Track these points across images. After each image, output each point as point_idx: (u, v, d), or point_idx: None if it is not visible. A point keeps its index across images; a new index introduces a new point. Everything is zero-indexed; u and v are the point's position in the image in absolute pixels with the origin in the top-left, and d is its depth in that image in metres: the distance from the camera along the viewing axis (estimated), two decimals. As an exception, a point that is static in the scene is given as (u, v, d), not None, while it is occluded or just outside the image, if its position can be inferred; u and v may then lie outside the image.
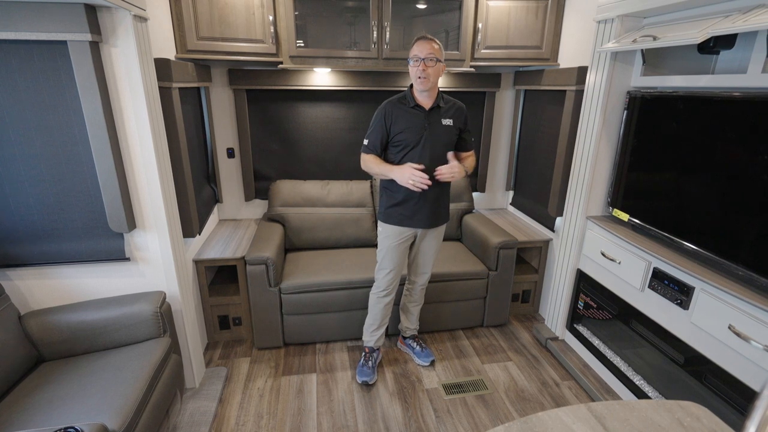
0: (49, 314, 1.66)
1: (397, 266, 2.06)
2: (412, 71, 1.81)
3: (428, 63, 1.77)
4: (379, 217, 2.05)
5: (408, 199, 1.93)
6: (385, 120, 1.87)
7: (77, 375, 1.53)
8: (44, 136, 1.58)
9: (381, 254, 2.06)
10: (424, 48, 1.76)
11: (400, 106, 1.89)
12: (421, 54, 1.76)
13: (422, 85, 1.81)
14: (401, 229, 1.99)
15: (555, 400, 2.06)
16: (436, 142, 1.88)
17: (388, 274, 2.06)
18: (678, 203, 1.74)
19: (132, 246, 1.80)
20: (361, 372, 2.15)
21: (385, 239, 2.03)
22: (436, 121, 1.89)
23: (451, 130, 1.93)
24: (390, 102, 1.90)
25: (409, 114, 1.87)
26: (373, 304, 2.15)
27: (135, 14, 1.54)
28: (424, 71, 1.77)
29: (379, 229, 2.06)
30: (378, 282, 2.11)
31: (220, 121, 2.69)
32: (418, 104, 1.87)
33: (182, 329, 1.95)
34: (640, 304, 1.86)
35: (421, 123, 1.87)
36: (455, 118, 1.93)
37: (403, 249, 2.05)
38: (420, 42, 1.78)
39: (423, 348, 2.34)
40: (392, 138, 1.89)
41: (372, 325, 2.18)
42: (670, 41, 1.58)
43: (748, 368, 1.38)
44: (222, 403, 2.00)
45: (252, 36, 2.21)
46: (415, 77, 1.81)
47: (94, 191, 1.67)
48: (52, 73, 1.52)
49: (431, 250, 2.12)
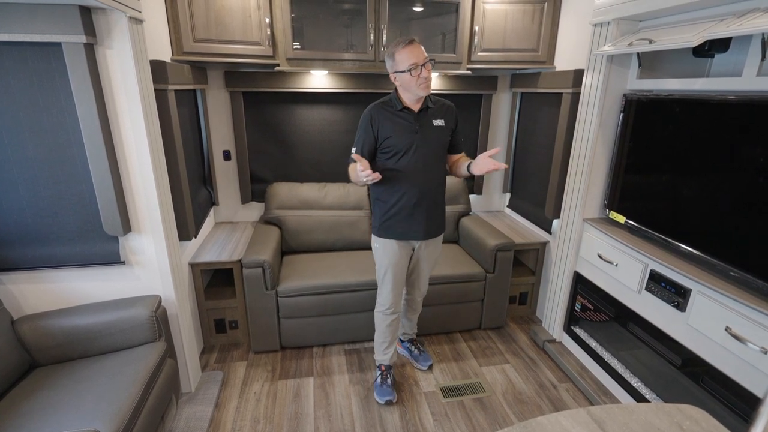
0: (43, 319, 1.64)
1: (399, 282, 1.98)
2: (411, 81, 1.68)
3: (428, 66, 1.69)
4: (374, 232, 1.93)
5: (403, 209, 1.83)
6: (372, 125, 1.77)
7: (71, 380, 1.51)
8: (38, 139, 1.56)
9: (381, 272, 1.96)
10: (419, 52, 1.67)
11: (387, 109, 1.78)
12: (419, 60, 1.66)
13: (427, 90, 1.71)
14: (400, 244, 1.89)
15: (553, 402, 2.06)
16: (428, 146, 1.79)
17: (392, 291, 1.96)
18: (674, 206, 1.74)
19: (127, 249, 1.78)
20: (382, 391, 2.05)
21: (383, 256, 1.92)
22: (427, 123, 1.80)
23: (444, 131, 1.84)
24: (375, 106, 1.79)
25: (396, 117, 1.77)
26: (379, 321, 2.05)
27: (130, 16, 1.53)
28: (427, 78, 1.68)
29: (375, 244, 1.95)
30: (382, 300, 2.01)
31: (217, 123, 2.68)
32: (406, 107, 1.78)
33: (178, 333, 1.93)
34: (637, 307, 1.86)
35: (411, 127, 1.77)
36: (446, 117, 1.84)
37: (404, 264, 1.96)
38: (410, 47, 1.66)
39: (421, 351, 2.31)
40: (381, 144, 1.78)
41: (383, 343, 2.08)
42: (666, 44, 1.59)
43: (745, 370, 1.39)
44: (218, 408, 1.99)
45: (248, 38, 2.20)
46: (418, 85, 1.69)
47: (89, 194, 1.65)
48: (46, 75, 1.50)
49: (428, 265, 2.04)
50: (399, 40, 1.69)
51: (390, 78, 1.77)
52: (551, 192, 2.50)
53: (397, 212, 1.84)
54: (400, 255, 1.92)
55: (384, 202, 1.86)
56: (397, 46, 1.68)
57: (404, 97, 1.78)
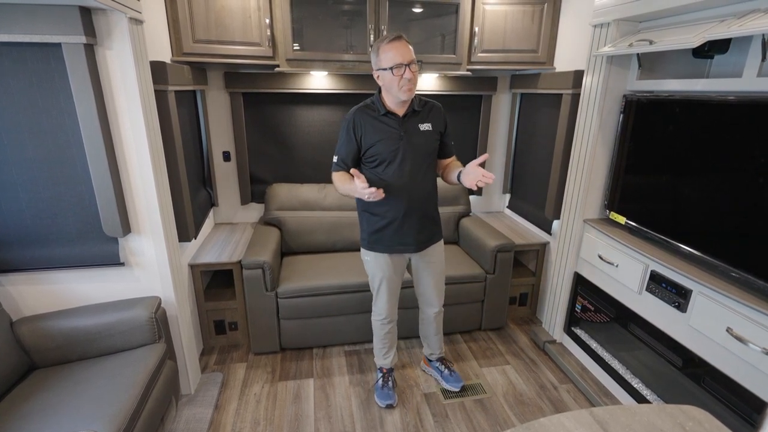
0: (42, 320, 1.63)
1: (395, 292, 1.91)
2: (393, 81, 1.55)
3: (413, 68, 1.54)
4: (362, 245, 1.85)
5: (392, 222, 1.74)
6: (354, 132, 1.66)
7: (70, 382, 1.51)
8: (37, 140, 1.55)
9: (375, 284, 1.88)
10: (405, 51, 1.53)
11: (369, 114, 1.66)
12: (404, 59, 1.52)
13: (408, 93, 1.58)
14: (392, 256, 1.81)
15: (553, 403, 2.06)
16: (415, 153, 1.68)
17: (387, 302, 1.90)
18: (675, 206, 1.74)
19: (127, 250, 1.77)
20: (383, 395, 2.01)
21: (376, 269, 1.84)
22: (413, 128, 1.68)
23: (431, 136, 1.72)
24: (357, 111, 1.67)
25: (380, 123, 1.65)
26: (377, 329, 2.00)
27: (130, 17, 1.53)
28: (410, 80, 1.55)
29: (365, 257, 1.87)
30: (378, 309, 1.95)
31: (217, 124, 2.68)
32: (390, 111, 1.66)
33: (177, 335, 1.93)
34: (637, 307, 1.86)
35: (396, 132, 1.65)
36: (434, 121, 1.72)
37: (399, 275, 1.88)
38: (395, 44, 1.52)
39: (452, 372, 2.13)
40: (365, 152, 1.68)
41: (382, 348, 2.03)
42: (666, 45, 1.59)
43: (746, 371, 1.38)
44: (218, 410, 1.98)
45: (248, 39, 2.20)
46: (400, 87, 1.56)
47: (89, 195, 1.65)
48: (45, 75, 1.50)
49: (432, 277, 1.91)
50: (386, 36, 1.58)
51: (374, 76, 1.65)
52: (551, 193, 2.50)
53: (386, 225, 1.75)
54: (394, 267, 1.84)
55: (371, 214, 1.77)
56: (383, 41, 1.55)
57: (387, 100, 1.66)
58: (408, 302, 2.28)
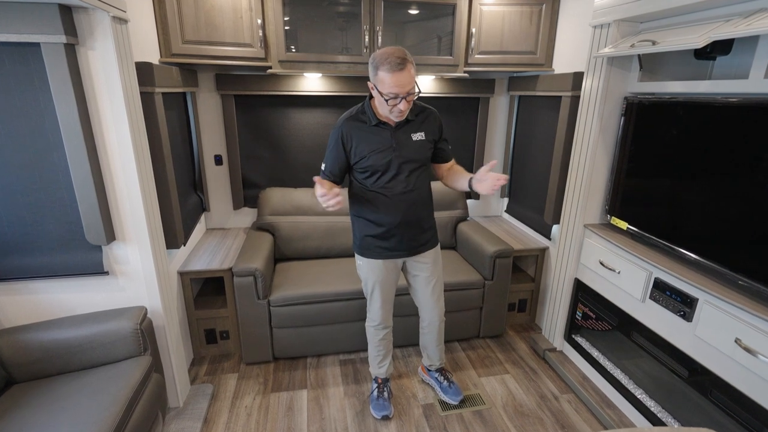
0: (21, 333, 1.56)
1: (388, 297, 1.87)
2: (384, 106, 1.51)
3: (409, 98, 1.49)
4: (355, 249, 1.82)
5: (386, 230, 1.70)
6: (344, 143, 1.61)
7: (50, 398, 1.43)
8: (16, 144, 1.49)
9: (368, 288, 1.85)
10: (406, 82, 1.44)
11: (360, 124, 1.62)
12: (401, 91, 1.45)
13: (399, 118, 1.56)
14: (384, 262, 1.78)
15: (554, 414, 1.99)
16: (408, 164, 1.64)
17: (381, 307, 1.87)
18: (678, 211, 1.69)
19: (111, 259, 1.70)
20: (378, 406, 1.95)
21: (369, 273, 1.81)
22: (405, 138, 1.64)
23: (424, 145, 1.67)
24: (346, 121, 1.62)
25: (371, 134, 1.61)
26: (371, 336, 1.95)
27: (114, 15, 1.46)
28: (401, 112, 1.51)
29: (358, 262, 1.84)
30: (372, 315, 1.91)
31: (208, 127, 2.61)
32: (382, 121, 1.62)
33: (165, 346, 1.85)
34: (641, 316, 1.80)
35: (388, 143, 1.61)
36: (427, 129, 1.68)
37: (392, 280, 1.84)
38: (398, 76, 1.42)
39: (451, 383, 2.07)
40: (356, 163, 1.63)
41: (377, 357, 1.98)
42: (670, 46, 1.54)
43: (757, 384, 1.33)
44: (207, 424, 1.90)
45: (240, 40, 2.14)
46: (390, 112, 1.52)
47: (70, 201, 1.58)
48: (24, 77, 1.43)
49: (427, 284, 1.86)
50: (390, 55, 1.43)
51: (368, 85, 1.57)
52: (550, 197, 2.45)
53: (379, 233, 1.72)
54: (387, 272, 1.81)
55: (365, 220, 1.74)
56: (386, 62, 1.43)
57: (379, 109, 1.60)
58: (404, 310, 2.22)
